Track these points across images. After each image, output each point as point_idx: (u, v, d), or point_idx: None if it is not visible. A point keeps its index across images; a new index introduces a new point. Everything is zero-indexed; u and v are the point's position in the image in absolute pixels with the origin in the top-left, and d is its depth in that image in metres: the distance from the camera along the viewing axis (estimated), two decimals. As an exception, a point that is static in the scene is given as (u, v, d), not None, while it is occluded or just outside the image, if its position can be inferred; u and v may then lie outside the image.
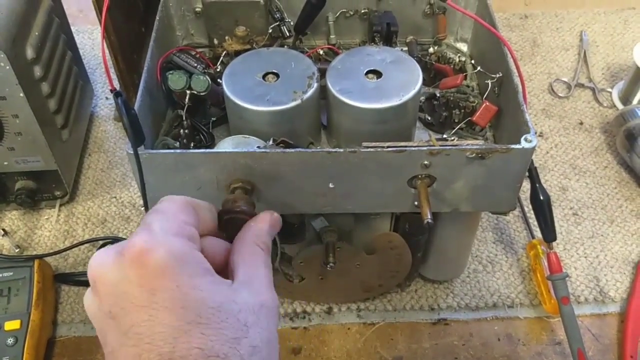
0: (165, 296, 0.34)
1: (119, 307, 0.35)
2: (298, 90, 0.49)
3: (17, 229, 0.70)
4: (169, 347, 0.33)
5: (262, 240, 0.41)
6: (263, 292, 0.38)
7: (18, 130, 0.62)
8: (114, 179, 0.76)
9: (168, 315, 0.34)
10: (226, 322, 0.35)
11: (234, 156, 0.45)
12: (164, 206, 0.39)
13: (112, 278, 0.35)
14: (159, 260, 0.34)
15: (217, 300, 0.36)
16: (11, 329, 0.55)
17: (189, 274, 0.36)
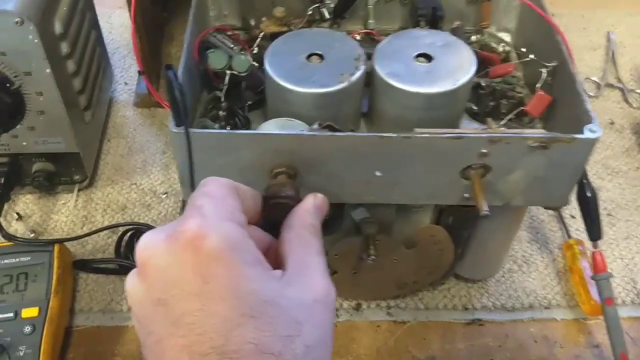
0: (219, 285, 0.32)
1: (169, 293, 0.32)
2: (345, 73, 0.47)
3: (32, 213, 0.67)
4: (221, 339, 0.31)
5: (310, 223, 0.39)
6: (316, 284, 0.36)
7: (41, 109, 0.59)
8: (134, 165, 0.73)
9: (222, 306, 0.31)
10: (279, 318, 0.32)
11: (281, 139, 0.42)
12: (212, 189, 0.37)
13: (163, 262, 0.33)
14: (214, 246, 0.32)
15: (270, 294, 0.33)
16: (29, 316, 0.52)
17: (243, 263, 0.33)
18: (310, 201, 0.40)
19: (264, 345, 0.31)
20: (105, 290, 0.61)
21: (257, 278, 0.34)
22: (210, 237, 0.32)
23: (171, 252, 0.33)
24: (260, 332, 0.31)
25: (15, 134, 0.61)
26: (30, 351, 0.50)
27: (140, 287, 0.34)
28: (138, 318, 0.35)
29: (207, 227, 0.32)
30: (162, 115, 0.79)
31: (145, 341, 0.34)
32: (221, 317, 0.31)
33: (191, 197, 0.36)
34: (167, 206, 0.69)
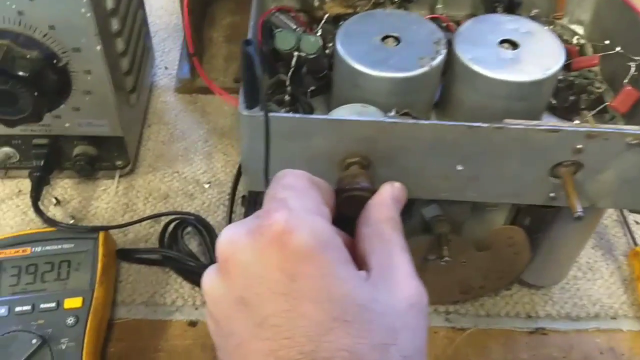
0: (308, 284, 0.29)
1: (253, 292, 0.29)
2: (425, 57, 0.43)
3: (71, 199, 0.64)
4: (311, 345, 0.27)
5: (389, 217, 0.35)
6: (406, 286, 0.32)
7: (87, 89, 0.56)
8: (175, 153, 0.70)
9: (312, 308, 0.28)
10: (373, 324, 0.29)
11: (359, 125, 0.39)
12: (292, 181, 0.33)
13: (246, 259, 0.30)
14: (303, 243, 0.29)
15: (363, 297, 0.30)
16: (72, 307, 0.49)
17: (333, 262, 0.30)
18: (387, 192, 0.36)
19: (358, 354, 0.28)
20: (148, 281, 0.58)
21: (349, 279, 0.30)
22: (298, 232, 0.29)
23: (255, 248, 0.30)
24: (353, 338, 0.28)
25: (59, 114, 0.58)
26: (73, 344, 0.47)
27: (220, 285, 0.31)
28: (216, 319, 0.32)
29: (294, 221, 0.29)
30: (204, 102, 0.76)
31: (224, 344, 0.31)
32: (311, 320, 0.28)
33: (270, 190, 0.33)
34: (211, 196, 0.66)
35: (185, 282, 0.58)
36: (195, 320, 0.56)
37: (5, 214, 0.62)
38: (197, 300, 0.57)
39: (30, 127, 0.60)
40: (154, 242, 0.61)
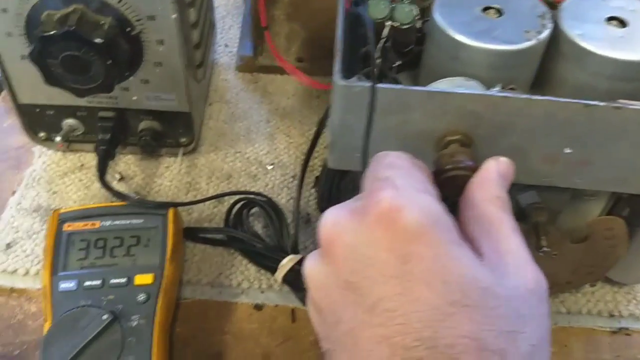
0: (421, 266, 0.26)
1: (362, 275, 0.27)
2: (531, 30, 0.40)
3: (134, 175, 0.63)
4: (429, 331, 0.25)
5: (496, 196, 0.32)
6: (524, 271, 0.29)
7: (159, 60, 0.54)
8: (237, 132, 0.68)
9: (426, 291, 0.26)
10: (499, 310, 0.26)
11: (466, 99, 0.36)
12: (394, 161, 0.31)
13: (352, 240, 0.28)
14: (412, 221, 0.27)
15: (485, 280, 0.27)
16: (142, 283, 0.48)
17: (447, 241, 0.27)
18: (492, 168, 0.33)
19: (483, 341, 0.25)
20: (213, 262, 0.56)
21: (466, 260, 0.28)
22: (407, 209, 0.27)
23: (362, 229, 0.28)
24: (478, 325, 0.25)
25: (127, 87, 0.57)
26: (143, 322, 0.45)
27: (324, 270, 0.29)
28: (321, 305, 0.30)
29: (402, 199, 0.27)
30: (266, 81, 0.74)
31: (330, 332, 0.29)
32: (426, 304, 0.26)
33: (371, 171, 0.31)
34: (274, 178, 0.64)
35: (250, 265, 0.56)
36: (262, 304, 0.54)
37: (68, 188, 0.61)
38: (263, 284, 0.55)
39: (97, 99, 0.58)
40: (218, 222, 0.59)
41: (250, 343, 0.51)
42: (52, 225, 0.50)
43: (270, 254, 0.54)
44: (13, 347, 0.50)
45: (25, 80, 0.57)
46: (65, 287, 0.47)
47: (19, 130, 0.66)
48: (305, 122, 0.69)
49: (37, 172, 0.62)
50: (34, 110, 0.59)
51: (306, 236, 0.58)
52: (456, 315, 0.26)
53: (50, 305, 0.46)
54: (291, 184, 0.63)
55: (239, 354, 0.51)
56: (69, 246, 0.50)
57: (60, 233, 0.50)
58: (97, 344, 0.44)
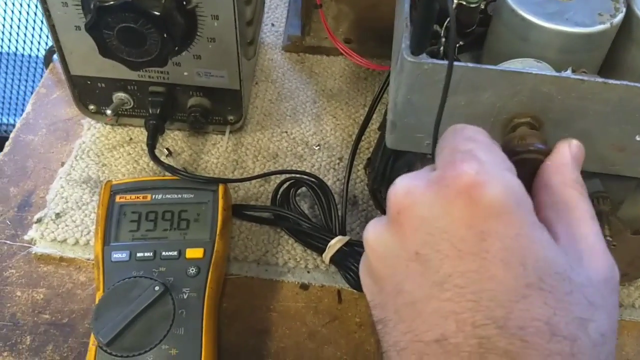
0: (499, 245, 0.26)
1: (433, 248, 0.26)
2: (604, 13, 0.39)
3: (182, 151, 0.63)
4: (501, 310, 0.25)
5: (573, 179, 0.31)
6: (599, 259, 0.29)
7: (212, 36, 0.54)
8: (283, 112, 0.68)
9: (502, 270, 0.25)
10: (572, 296, 0.26)
11: (540, 80, 0.35)
12: (474, 135, 0.30)
13: (426, 212, 0.27)
14: (496, 198, 0.26)
15: (560, 264, 0.26)
16: (193, 257, 0.48)
17: (527, 222, 0.26)
18: (566, 151, 0.32)
19: (555, 327, 0.25)
20: (259, 240, 0.56)
21: (544, 243, 0.27)
22: (491, 186, 0.26)
23: (439, 200, 0.27)
24: (551, 309, 0.25)
25: (179, 62, 0.57)
26: (194, 295, 0.46)
27: (391, 239, 0.28)
28: (380, 274, 0.29)
29: (485, 174, 0.26)
30: (312, 62, 0.73)
31: (389, 301, 0.28)
32: (501, 284, 0.25)
33: (449, 142, 0.30)
34: (320, 159, 0.63)
35: (296, 244, 0.56)
36: (307, 283, 0.54)
37: (117, 161, 0.61)
38: (309, 263, 0.55)
39: (148, 74, 0.58)
40: (263, 201, 0.59)
41: (296, 322, 0.51)
42: (105, 196, 0.51)
43: (317, 234, 0.54)
44: (62, 315, 0.51)
45: (78, 52, 0.57)
46: (117, 258, 0.47)
47: (67, 103, 0.67)
48: (352, 104, 0.69)
49: (86, 144, 0.62)
50: (85, 82, 0.60)
51: (353, 218, 0.58)
52: (531, 298, 0.25)
53: (103, 274, 0.47)
54: (337, 166, 0.63)
55: (284, 331, 0.51)
56: (120, 217, 0.50)
57: (112, 204, 0.50)
58: (148, 315, 0.44)
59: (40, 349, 0.49)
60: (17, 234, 0.56)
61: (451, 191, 0.27)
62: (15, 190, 0.59)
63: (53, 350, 0.49)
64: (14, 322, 0.50)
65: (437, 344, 0.26)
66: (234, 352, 0.49)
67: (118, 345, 0.43)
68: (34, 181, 0.60)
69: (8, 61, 1.19)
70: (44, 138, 0.64)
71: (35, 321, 0.51)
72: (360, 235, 0.56)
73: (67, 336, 0.50)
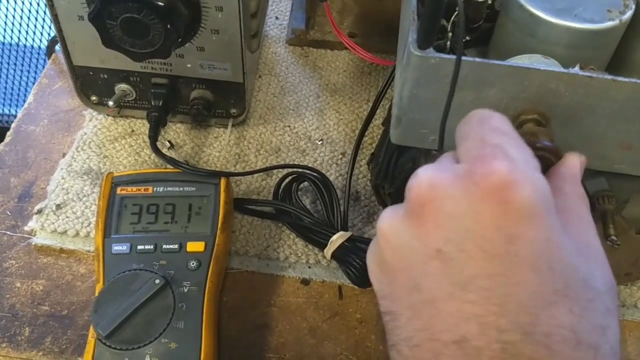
0: (528, 249, 0.25)
1: (458, 247, 0.25)
2: (613, 9, 0.39)
3: (183, 144, 0.63)
4: (528, 317, 0.24)
5: (582, 192, 0.31)
6: (604, 267, 0.29)
7: (216, 27, 0.53)
8: (286, 106, 0.67)
9: (531, 276, 0.25)
10: (593, 303, 0.25)
11: (549, 77, 0.35)
12: (502, 125, 0.29)
13: (452, 208, 0.26)
14: (528, 201, 0.25)
15: (583, 271, 0.26)
16: (194, 250, 0.47)
17: (557, 227, 0.26)
18: (577, 163, 0.32)
19: (580, 334, 0.24)
20: (261, 234, 0.55)
21: (570, 249, 0.26)
22: (523, 187, 0.25)
23: (467, 199, 0.26)
24: (576, 317, 0.25)
25: (182, 53, 0.56)
26: (195, 288, 0.45)
27: (409, 232, 0.27)
28: (394, 266, 0.28)
29: (517, 173, 0.25)
30: (316, 56, 0.73)
31: (402, 294, 0.28)
32: (529, 289, 0.25)
33: (477, 133, 0.28)
34: (323, 154, 0.63)
35: (298, 239, 0.55)
36: (308, 278, 0.53)
37: (119, 153, 0.61)
38: (311, 259, 0.54)
39: (151, 65, 0.58)
40: (265, 195, 0.59)
41: (297, 317, 0.51)
42: (106, 188, 0.50)
43: (318, 229, 0.53)
44: (61, 307, 0.51)
45: (81, 42, 0.56)
46: (118, 250, 0.47)
47: (69, 93, 0.66)
48: (356, 99, 0.68)
49: (87, 135, 0.62)
50: (87, 73, 0.59)
51: (355, 214, 0.58)
52: (557, 305, 0.25)
53: (103, 266, 0.46)
54: (340, 161, 0.62)
55: (285, 326, 0.50)
56: (121, 210, 0.49)
57: (113, 196, 0.50)
58: (148, 308, 0.43)
59: (39, 341, 0.49)
60: (17, 224, 0.56)
61: (481, 189, 0.26)
62: (16, 181, 0.59)
63: (52, 342, 0.49)
64: (13, 314, 0.50)
65: (456, 345, 0.25)
66: (234, 346, 0.49)
67: (117, 338, 0.42)
68: (34, 172, 0.60)
69: (10, 52, 1.19)
70: (45, 129, 0.64)
71: (35, 313, 0.50)
72: (362, 231, 0.56)
73: (66, 328, 0.49)
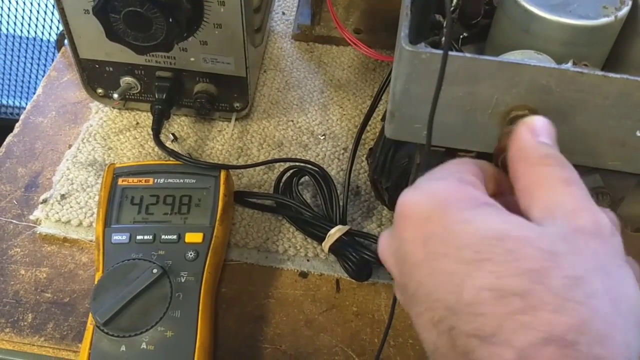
0: (436, 242, 0.27)
1: (405, 273, 0.30)
2: (609, 6, 0.39)
3: (187, 137, 0.63)
4: (453, 297, 0.26)
5: (541, 155, 0.30)
6: (576, 215, 0.27)
7: (219, 22, 0.54)
8: (290, 101, 0.68)
9: (444, 262, 0.27)
10: (519, 253, 0.26)
11: (538, 72, 0.35)
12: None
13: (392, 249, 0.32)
14: (421, 207, 0.29)
15: (500, 229, 0.27)
16: (192, 241, 0.48)
17: (457, 210, 0.28)
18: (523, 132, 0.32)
19: (502, 287, 0.25)
20: (261, 227, 0.56)
21: (480, 217, 0.28)
22: (416, 200, 0.30)
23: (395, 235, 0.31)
24: (493, 274, 0.25)
25: (185, 47, 0.57)
26: (192, 279, 0.46)
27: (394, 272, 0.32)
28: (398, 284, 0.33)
29: (413, 193, 0.30)
30: (321, 52, 0.73)
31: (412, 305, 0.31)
32: (446, 273, 0.27)
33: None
34: (325, 149, 0.63)
35: (297, 233, 0.56)
36: (307, 271, 0.54)
37: (123, 145, 0.62)
38: (309, 252, 0.55)
39: (155, 58, 0.59)
40: (267, 189, 0.59)
41: (294, 309, 0.51)
42: (107, 179, 0.51)
43: (318, 223, 0.54)
44: (63, 294, 0.52)
45: (86, 35, 0.57)
46: (117, 240, 0.48)
47: (77, 86, 0.67)
48: (360, 94, 0.68)
49: (93, 127, 0.63)
50: (93, 66, 0.60)
51: (355, 208, 0.58)
52: (473, 273, 0.26)
53: (103, 255, 0.47)
54: (342, 156, 0.63)
55: (282, 318, 0.51)
56: (122, 200, 0.50)
57: (114, 187, 0.51)
58: (146, 296, 0.44)
59: (41, 327, 0.50)
60: (23, 213, 0.57)
61: (397, 223, 0.30)
62: (23, 171, 0.60)
63: (53, 328, 0.50)
64: (17, 300, 0.51)
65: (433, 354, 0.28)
66: (230, 336, 0.50)
67: (114, 325, 0.43)
68: (41, 162, 0.61)
69: (21, 45, 1.21)
70: (53, 120, 0.65)
71: (38, 299, 0.51)
72: (362, 225, 0.57)
73: (67, 315, 0.50)
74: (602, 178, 0.42)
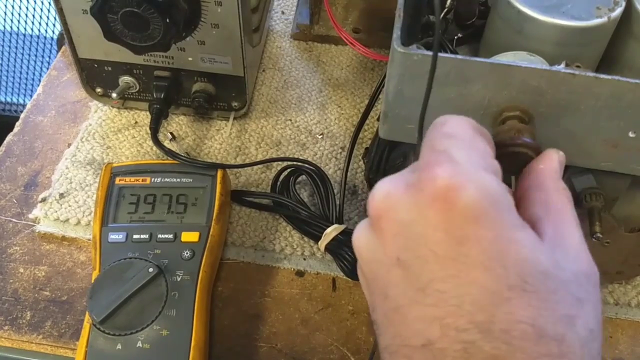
0: (478, 249, 0.25)
1: (414, 254, 0.26)
2: (602, 7, 0.38)
3: (185, 136, 0.64)
4: (483, 315, 0.24)
5: (563, 187, 0.31)
6: (582, 257, 0.28)
7: (216, 22, 0.54)
8: (289, 100, 0.68)
9: (483, 275, 0.25)
10: (557, 295, 0.25)
11: (529, 73, 0.35)
12: (455, 129, 0.30)
13: (404, 217, 0.27)
14: (472, 202, 0.25)
15: (544, 263, 0.26)
16: (188, 240, 0.48)
17: (507, 223, 0.26)
18: (556, 159, 0.33)
19: (541, 327, 0.24)
20: (257, 226, 0.56)
21: (527, 243, 0.26)
22: (466, 190, 0.26)
23: (415, 205, 0.27)
24: (535, 310, 0.25)
25: (183, 47, 0.57)
26: (187, 278, 0.46)
27: (373, 243, 0.28)
28: (368, 278, 0.29)
29: (461, 177, 0.26)
30: (320, 51, 0.73)
31: (378, 304, 0.29)
32: (481, 287, 0.25)
33: (429, 139, 0.29)
34: (323, 148, 0.63)
35: (294, 232, 0.56)
36: (303, 270, 0.54)
37: (122, 144, 0.62)
38: (306, 251, 0.55)
39: (154, 58, 0.59)
40: (264, 188, 0.59)
41: (290, 307, 0.52)
42: (105, 178, 0.52)
43: (314, 222, 0.54)
44: (61, 292, 0.52)
45: (85, 35, 0.58)
46: (114, 239, 0.48)
47: (76, 85, 0.68)
48: (358, 94, 0.69)
49: (92, 126, 0.63)
50: (92, 65, 0.60)
51: (352, 207, 0.58)
52: (514, 300, 0.25)
53: (99, 254, 0.48)
54: (340, 155, 0.63)
55: (278, 317, 0.51)
56: (119, 199, 0.51)
57: (111, 186, 0.51)
58: (141, 295, 0.45)
59: (40, 325, 0.50)
60: (22, 212, 0.57)
61: (426, 196, 0.26)
62: (23, 170, 0.61)
63: (51, 326, 0.50)
64: (15, 298, 0.52)
65: (424, 348, 0.26)
66: (226, 335, 0.50)
67: (110, 323, 0.44)
68: (41, 161, 0.61)
69: (24, 42, 1.21)
70: (52, 119, 0.65)
71: (36, 297, 0.52)
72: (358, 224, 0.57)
73: (65, 313, 0.51)
74: (595, 178, 0.42)
